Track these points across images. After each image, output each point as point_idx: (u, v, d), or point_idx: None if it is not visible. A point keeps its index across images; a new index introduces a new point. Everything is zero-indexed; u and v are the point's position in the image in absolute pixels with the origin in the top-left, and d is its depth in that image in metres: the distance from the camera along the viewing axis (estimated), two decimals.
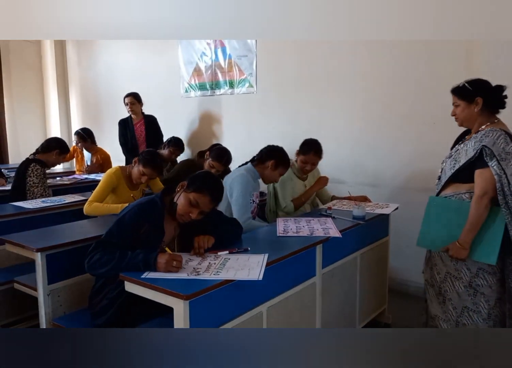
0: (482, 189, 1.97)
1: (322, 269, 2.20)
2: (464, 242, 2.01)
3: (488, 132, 2.00)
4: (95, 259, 1.75)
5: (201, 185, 1.89)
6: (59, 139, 3.59)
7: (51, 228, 2.42)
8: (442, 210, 2.12)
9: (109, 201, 2.77)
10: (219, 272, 1.61)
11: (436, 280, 2.19)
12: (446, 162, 2.18)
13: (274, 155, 2.68)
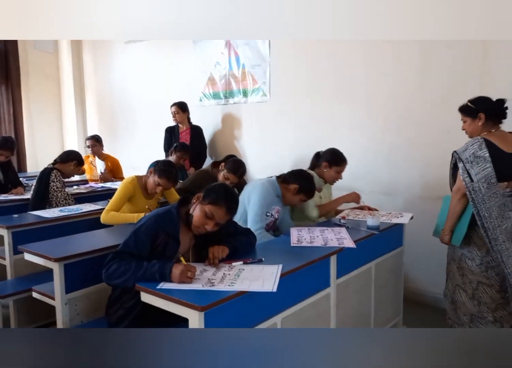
0: (456, 186, 2.42)
1: (337, 280, 2.20)
2: (444, 230, 2.49)
3: (470, 141, 2.40)
4: (112, 269, 1.78)
5: (217, 197, 1.91)
6: (77, 152, 3.71)
7: (69, 237, 2.46)
8: (447, 206, 2.52)
9: (125, 209, 2.81)
10: (233, 283, 1.62)
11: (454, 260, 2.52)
12: None
13: (299, 181, 2.67)
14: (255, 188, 2.58)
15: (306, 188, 2.67)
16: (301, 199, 2.70)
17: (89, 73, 6.11)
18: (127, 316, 1.92)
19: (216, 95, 4.74)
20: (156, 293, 1.58)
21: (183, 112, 4.56)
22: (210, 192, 1.94)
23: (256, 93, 4.40)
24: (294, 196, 2.67)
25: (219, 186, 2.02)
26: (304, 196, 2.69)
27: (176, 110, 4.54)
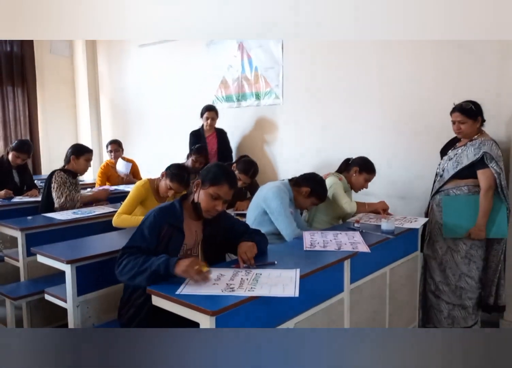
0: (487, 184, 2.66)
1: (350, 284, 2.16)
2: (481, 225, 2.70)
3: (484, 141, 2.68)
4: (123, 265, 1.80)
5: (215, 177, 1.93)
6: (84, 145, 3.67)
7: (81, 239, 2.47)
8: (454, 205, 2.77)
9: (137, 212, 2.80)
10: (253, 288, 1.59)
11: (438, 253, 2.86)
12: (447, 163, 2.82)
13: (312, 184, 2.67)
14: (270, 191, 2.55)
15: (318, 191, 2.67)
16: (313, 202, 2.70)
17: (103, 77, 6.16)
18: (138, 315, 1.92)
19: (228, 98, 4.74)
20: (167, 297, 1.56)
21: (217, 117, 4.46)
22: (206, 175, 1.96)
23: (269, 96, 4.38)
24: (306, 199, 2.67)
25: (212, 166, 2.03)
26: (315, 199, 2.68)
27: (213, 115, 4.40)
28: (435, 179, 2.96)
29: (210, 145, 4.40)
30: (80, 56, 6.19)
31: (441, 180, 2.85)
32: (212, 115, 4.39)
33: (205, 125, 4.40)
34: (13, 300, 2.55)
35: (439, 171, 2.91)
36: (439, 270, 2.88)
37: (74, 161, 3.40)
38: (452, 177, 2.79)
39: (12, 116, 5.72)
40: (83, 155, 3.42)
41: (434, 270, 2.89)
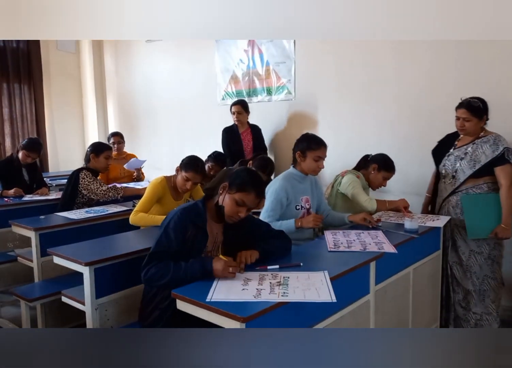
0: (509, 180, 2.60)
1: (375, 286, 2.10)
2: (507, 224, 2.61)
3: (498, 137, 2.65)
4: (152, 272, 1.75)
5: (244, 183, 1.87)
6: (104, 143, 3.66)
7: (98, 240, 2.42)
8: (474, 204, 2.67)
9: (153, 210, 2.75)
10: (286, 293, 1.53)
11: (462, 259, 2.75)
12: (459, 163, 2.73)
13: (298, 147, 2.56)
14: (269, 187, 2.52)
15: (307, 144, 2.53)
16: (312, 157, 2.52)
17: (110, 73, 6.09)
18: (163, 317, 1.88)
19: (239, 94, 4.66)
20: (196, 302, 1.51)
21: (246, 112, 4.17)
22: (235, 179, 1.90)
23: (281, 91, 4.31)
24: (303, 159, 2.53)
25: (242, 171, 1.98)
26: (311, 151, 2.51)
27: (239, 109, 4.13)
28: (444, 180, 2.84)
29: (245, 142, 4.17)
30: (86, 52, 6.13)
31: (456, 181, 2.75)
32: (238, 109, 4.11)
33: (234, 121, 4.18)
34: (29, 301, 2.51)
35: (448, 172, 2.79)
36: (465, 277, 2.76)
37: (94, 160, 3.39)
38: (469, 177, 2.70)
39: (19, 114, 5.66)
40: (103, 153, 3.42)
41: (462, 278, 2.77)
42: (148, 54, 5.55)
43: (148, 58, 5.56)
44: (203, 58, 4.94)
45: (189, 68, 5.09)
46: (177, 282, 1.67)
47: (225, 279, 1.67)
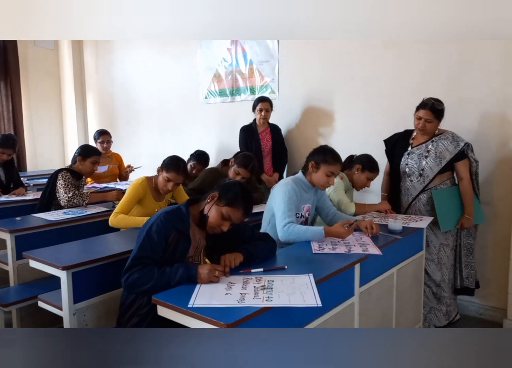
0: (467, 174, 2.79)
1: (360, 288, 2.08)
2: (470, 214, 2.81)
3: (453, 134, 2.80)
4: (134, 278, 1.69)
5: (234, 199, 1.83)
6: (81, 146, 3.52)
7: (76, 242, 2.34)
8: (444, 199, 2.81)
9: (134, 212, 2.69)
10: (270, 297, 1.49)
11: (434, 253, 2.85)
12: (425, 161, 2.83)
13: (314, 157, 2.43)
14: (277, 189, 2.41)
15: (324, 157, 2.39)
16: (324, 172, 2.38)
17: (90, 70, 5.97)
18: (142, 324, 1.82)
19: (222, 93, 4.61)
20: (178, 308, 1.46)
21: (272, 110, 3.93)
22: (226, 192, 1.86)
23: (264, 90, 4.28)
24: (317, 171, 2.40)
25: (235, 185, 1.92)
26: (325, 165, 2.38)
27: (268, 107, 3.87)
28: (410, 179, 2.89)
29: (264, 142, 3.92)
30: (65, 49, 6.00)
31: (424, 179, 2.84)
32: (267, 107, 3.86)
33: (258, 118, 3.88)
34: (3, 306, 2.42)
35: (414, 170, 2.86)
36: (438, 269, 2.86)
37: (80, 163, 3.28)
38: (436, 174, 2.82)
39: None
40: (90, 157, 3.30)
41: (434, 271, 2.86)
42: (129, 51, 5.45)
43: (129, 55, 5.46)
44: (185, 56, 4.87)
45: (171, 66, 5.02)
46: (160, 288, 1.62)
47: (208, 284, 1.62)
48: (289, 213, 2.28)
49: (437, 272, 2.86)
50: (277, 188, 2.42)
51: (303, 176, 2.46)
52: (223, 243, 1.95)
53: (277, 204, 2.34)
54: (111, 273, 2.06)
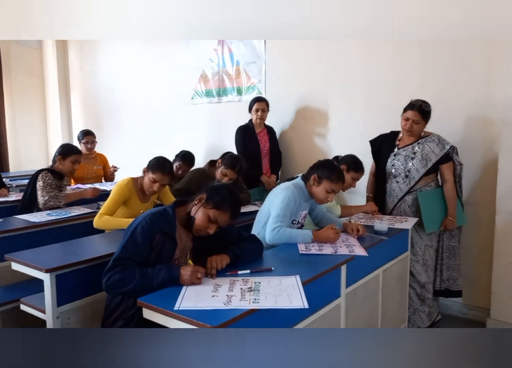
0: (451, 176, 2.83)
1: (346, 289, 2.09)
2: (453, 216, 2.84)
3: (439, 136, 2.83)
4: (115, 279, 1.67)
5: (221, 202, 1.82)
6: (74, 146, 3.46)
7: (60, 244, 2.30)
8: (429, 200, 2.83)
9: (119, 213, 2.66)
10: (257, 299, 1.49)
11: (419, 254, 2.87)
12: (411, 163, 2.84)
13: (318, 171, 2.39)
14: (278, 193, 2.38)
15: (328, 174, 2.35)
16: (326, 188, 2.36)
17: (74, 69, 5.90)
18: (127, 327, 1.80)
19: (209, 93, 4.60)
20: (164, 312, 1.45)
21: (268, 110, 3.88)
22: (213, 195, 1.85)
23: (251, 91, 4.28)
24: (317, 187, 2.38)
25: (223, 188, 1.91)
26: (328, 183, 2.36)
27: (264, 107, 3.81)
28: (396, 180, 2.91)
29: (262, 143, 3.86)
30: (49, 47, 5.92)
31: (410, 180, 2.86)
32: (263, 107, 3.81)
33: (255, 119, 3.83)
34: None
35: (400, 171, 2.88)
36: (423, 270, 2.89)
37: (60, 162, 3.21)
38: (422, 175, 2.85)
39: None
40: (70, 156, 3.23)
41: (420, 273, 2.89)
42: (114, 50, 5.40)
43: (114, 54, 5.41)
44: (171, 56, 4.84)
45: (158, 66, 4.98)
46: (142, 289, 1.60)
47: (194, 286, 1.61)
48: (283, 218, 2.27)
49: (423, 273, 2.89)
50: (277, 191, 2.40)
51: (304, 187, 2.41)
52: (209, 245, 1.94)
53: (274, 205, 2.32)
54: (95, 275, 2.02)
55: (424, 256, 2.88)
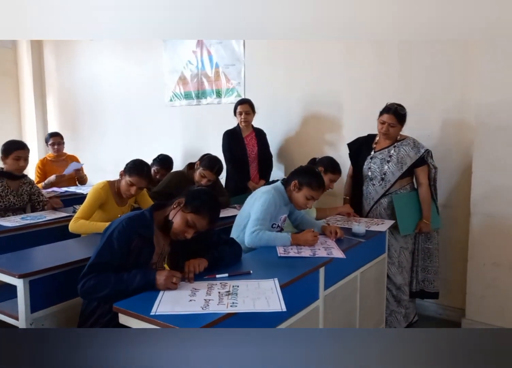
0: (426, 179, 2.88)
1: (324, 291, 2.10)
2: (428, 218, 2.88)
3: (415, 140, 2.88)
4: (90, 285, 1.65)
5: (200, 206, 1.81)
6: (17, 141, 3.27)
7: (33, 249, 2.25)
8: (404, 203, 2.88)
9: (95, 217, 2.61)
10: (235, 303, 1.48)
11: (395, 257, 2.90)
12: (387, 166, 2.88)
13: (299, 177, 2.38)
14: (258, 196, 2.36)
15: (308, 180, 2.35)
16: (305, 195, 2.36)
17: (50, 70, 5.79)
18: None
19: (187, 95, 4.57)
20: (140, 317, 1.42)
21: (253, 112, 3.74)
22: (192, 199, 1.83)
23: (230, 93, 4.27)
24: (298, 193, 2.38)
25: (202, 193, 1.90)
26: (308, 189, 2.36)
27: (247, 109, 3.68)
28: (372, 183, 2.95)
29: (250, 147, 3.75)
30: (24, 48, 5.80)
31: (386, 183, 2.90)
32: (246, 109, 3.68)
33: (239, 122, 3.72)
34: None
35: (376, 174, 2.92)
36: (399, 272, 2.92)
37: (4, 162, 3.06)
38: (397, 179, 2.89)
39: None
40: (12, 153, 3.05)
41: (395, 274, 2.92)
42: (91, 51, 5.32)
43: (91, 55, 5.33)
44: (150, 57, 4.80)
45: (136, 67, 4.93)
46: (118, 295, 1.58)
47: (171, 290, 1.59)
48: (263, 221, 2.26)
49: (398, 275, 2.92)
50: (258, 194, 2.39)
51: (284, 191, 2.41)
52: (188, 249, 1.92)
53: (254, 209, 2.32)
54: (70, 280, 1.98)
55: (399, 258, 2.91)
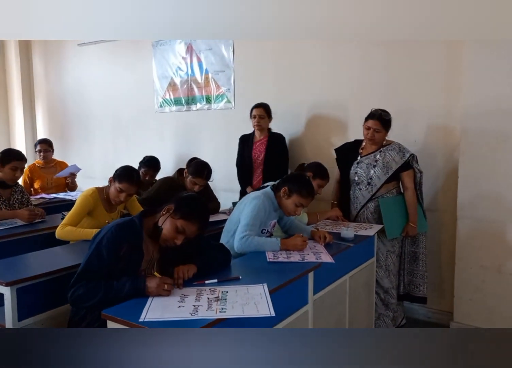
0: (412, 183, 2.91)
1: (314, 296, 2.11)
2: (414, 222, 2.92)
3: (400, 145, 2.92)
4: (79, 293, 1.65)
5: (190, 212, 1.81)
6: (15, 151, 3.23)
7: (21, 256, 2.23)
8: (390, 207, 2.91)
9: (84, 224, 2.60)
10: (224, 308, 1.48)
11: (382, 260, 2.93)
12: (373, 170, 2.93)
13: (289, 184, 2.37)
14: (248, 202, 2.37)
15: (297, 187, 2.35)
16: (294, 201, 2.36)
17: (39, 76, 5.76)
18: None
19: (177, 101, 4.58)
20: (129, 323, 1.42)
21: (268, 116, 3.65)
22: (181, 205, 1.83)
23: (220, 100, 4.29)
24: (287, 199, 2.38)
25: (191, 199, 1.91)
26: (298, 196, 2.35)
27: (261, 113, 3.60)
28: (359, 187, 2.98)
29: (256, 153, 3.67)
30: (12, 52, 5.75)
31: (372, 187, 2.95)
32: (260, 113, 3.59)
33: (253, 125, 3.66)
34: None
35: (363, 179, 2.97)
36: (386, 276, 2.96)
37: (10, 170, 3.05)
38: (383, 183, 2.94)
39: None
40: (9, 163, 3.03)
41: (382, 278, 2.95)
42: (81, 57, 5.30)
43: (81, 61, 5.31)
44: (139, 63, 4.80)
45: (125, 73, 4.93)
46: (108, 302, 1.58)
47: (160, 296, 1.59)
48: (252, 227, 2.27)
49: (385, 279, 2.95)
50: (248, 200, 2.39)
51: (274, 197, 2.41)
52: (177, 255, 1.92)
53: (244, 214, 2.32)
54: (58, 288, 1.97)
55: (386, 261, 2.94)
